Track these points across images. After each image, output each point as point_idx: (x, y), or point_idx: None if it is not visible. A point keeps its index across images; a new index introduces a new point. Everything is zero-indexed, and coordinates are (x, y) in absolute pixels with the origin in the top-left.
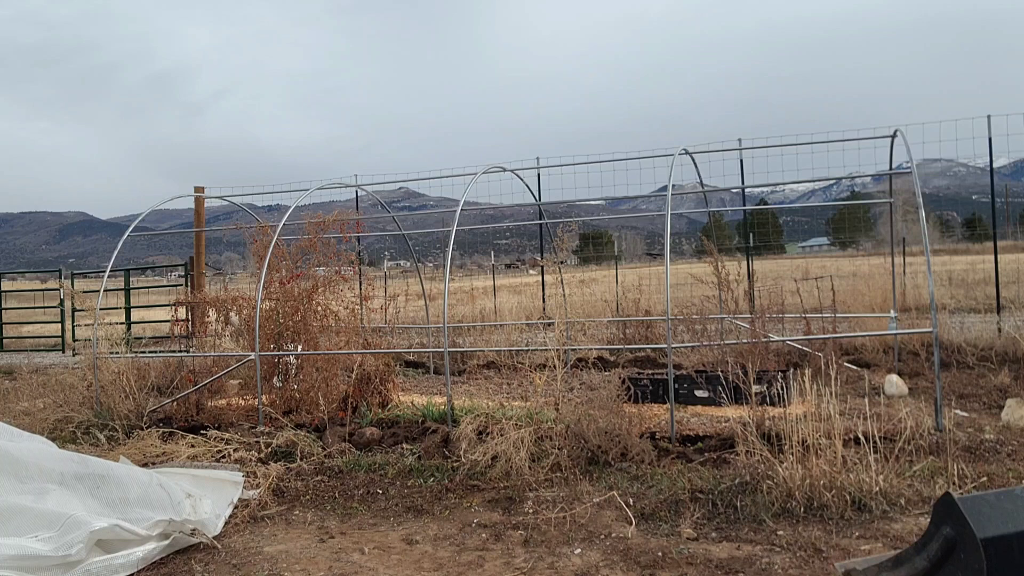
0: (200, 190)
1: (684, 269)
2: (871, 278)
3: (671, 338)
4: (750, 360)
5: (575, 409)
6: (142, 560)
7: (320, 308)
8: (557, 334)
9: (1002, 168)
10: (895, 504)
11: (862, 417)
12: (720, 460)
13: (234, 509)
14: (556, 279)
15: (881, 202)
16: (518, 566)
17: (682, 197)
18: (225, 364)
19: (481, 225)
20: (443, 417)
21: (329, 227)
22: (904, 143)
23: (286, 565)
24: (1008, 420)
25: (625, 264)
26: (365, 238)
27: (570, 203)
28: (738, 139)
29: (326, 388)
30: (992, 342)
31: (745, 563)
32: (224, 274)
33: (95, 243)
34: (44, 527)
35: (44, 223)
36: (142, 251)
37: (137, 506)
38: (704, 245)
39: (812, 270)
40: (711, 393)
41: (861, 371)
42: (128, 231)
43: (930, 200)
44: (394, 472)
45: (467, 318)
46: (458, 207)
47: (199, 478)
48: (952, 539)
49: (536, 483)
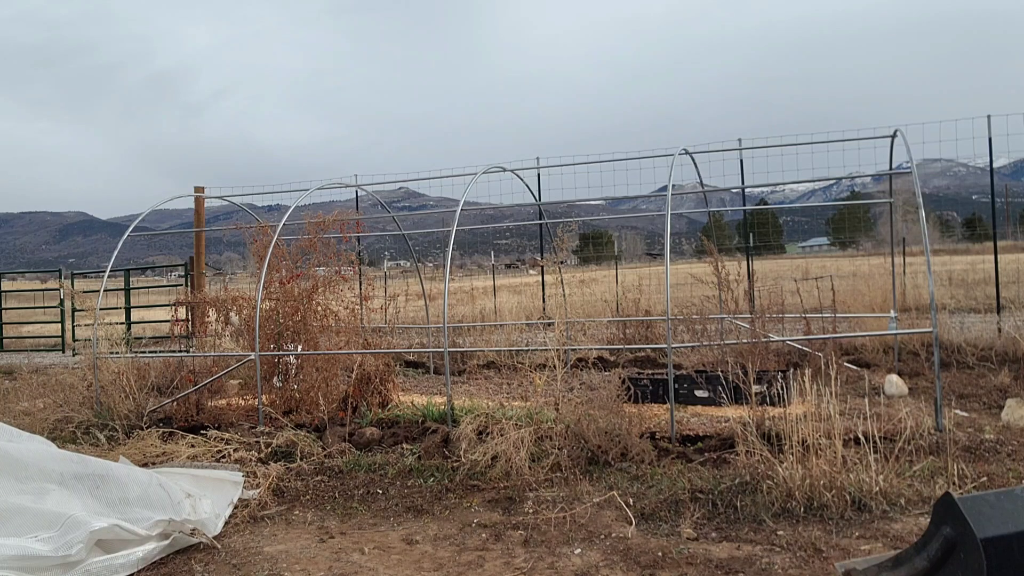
0: (200, 190)
1: (684, 269)
2: (871, 278)
3: (671, 338)
4: (750, 360)
5: (575, 409)
6: (142, 560)
7: (320, 308)
8: (557, 334)
9: (1002, 168)
10: (895, 504)
11: (862, 417)
12: (720, 460)
13: (234, 509)
14: (556, 279)
15: (881, 202)
16: (518, 566)
17: (682, 197)
18: (225, 364)
19: (481, 225)
20: (443, 417)
21: (329, 227)
22: (904, 143)
23: (286, 565)
24: (1008, 420)
25: (625, 264)
26: (365, 238)
27: (570, 203)
28: (738, 139)
29: (326, 388)
30: (992, 342)
31: (745, 563)
32: (224, 274)
33: (95, 243)
34: (44, 527)
35: (44, 223)
36: (142, 251)
37: (137, 506)
38: (704, 245)
39: (812, 270)
40: (711, 393)
41: (861, 371)
42: (128, 231)
43: (930, 200)
44: (394, 472)
45: (467, 318)
46: (458, 207)
47: (199, 478)
48: (952, 539)
49: (536, 483)
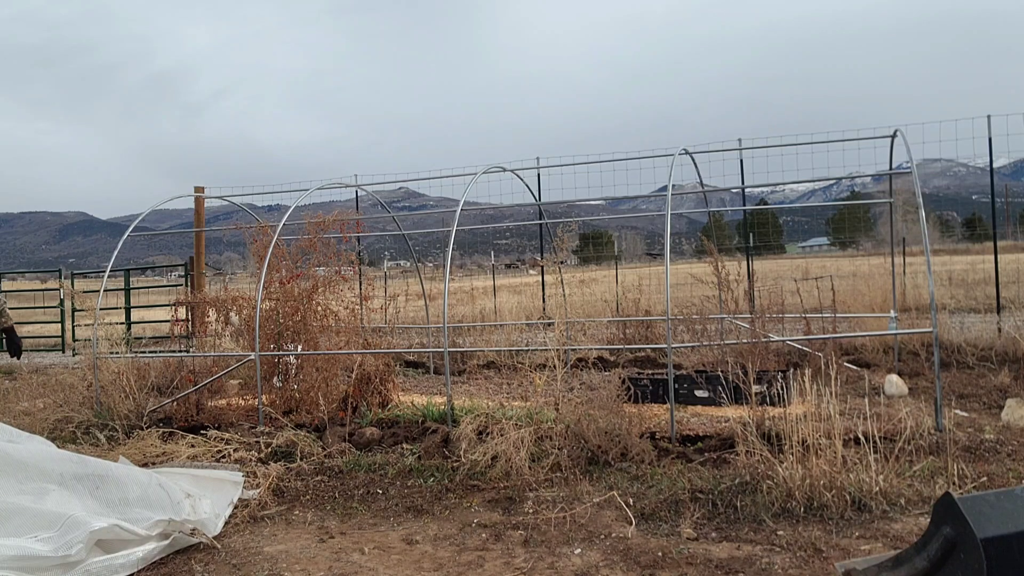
0: (200, 190)
1: (684, 269)
2: (871, 278)
3: (671, 338)
4: (750, 360)
5: (575, 409)
6: (142, 560)
7: (320, 308)
8: (557, 334)
9: (1002, 168)
10: (895, 504)
11: (862, 417)
12: (720, 460)
13: (234, 509)
14: (556, 279)
15: (881, 202)
16: (518, 566)
17: (682, 197)
18: (225, 364)
19: (481, 225)
20: (443, 417)
21: (329, 227)
22: (904, 143)
23: (286, 565)
24: (1008, 420)
25: (625, 264)
26: (365, 238)
27: (570, 203)
28: (738, 139)
29: (326, 388)
30: (992, 342)
31: (745, 563)
32: (224, 274)
33: (95, 243)
34: (44, 527)
35: (44, 223)
36: (142, 251)
37: (136, 506)
38: (704, 245)
39: (812, 270)
40: (711, 393)
41: (861, 371)
42: (128, 231)
43: (930, 200)
44: (394, 472)
45: (467, 318)
46: (458, 207)
47: (199, 478)
48: (952, 539)
49: (536, 483)
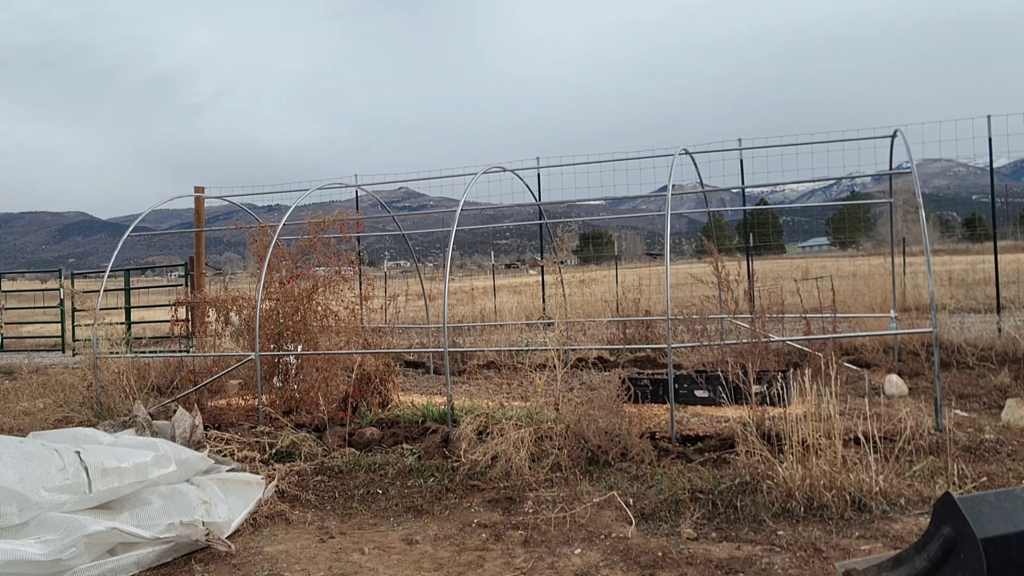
0: (200, 190)
1: (684, 269)
2: (871, 278)
3: (671, 338)
4: (750, 360)
5: (575, 409)
6: (135, 564)
7: (320, 308)
8: (557, 334)
9: (1002, 168)
10: (895, 504)
11: (862, 417)
12: (720, 460)
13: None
14: (556, 279)
15: (881, 202)
16: (518, 566)
17: (682, 197)
18: (225, 364)
19: (481, 225)
20: (443, 417)
21: (329, 227)
22: (904, 143)
23: (286, 565)
24: (1008, 420)
25: (625, 264)
26: (365, 238)
27: (570, 203)
28: (738, 139)
29: (326, 388)
30: (992, 342)
31: (745, 563)
32: (224, 274)
33: (95, 243)
34: (44, 529)
35: (44, 223)
36: (142, 251)
37: (156, 512)
38: (704, 245)
39: (812, 270)
40: (711, 393)
41: (861, 371)
42: (128, 231)
43: (930, 200)
44: (394, 472)
45: (467, 318)
46: (458, 207)
47: (226, 481)
48: (952, 539)
49: (536, 483)
